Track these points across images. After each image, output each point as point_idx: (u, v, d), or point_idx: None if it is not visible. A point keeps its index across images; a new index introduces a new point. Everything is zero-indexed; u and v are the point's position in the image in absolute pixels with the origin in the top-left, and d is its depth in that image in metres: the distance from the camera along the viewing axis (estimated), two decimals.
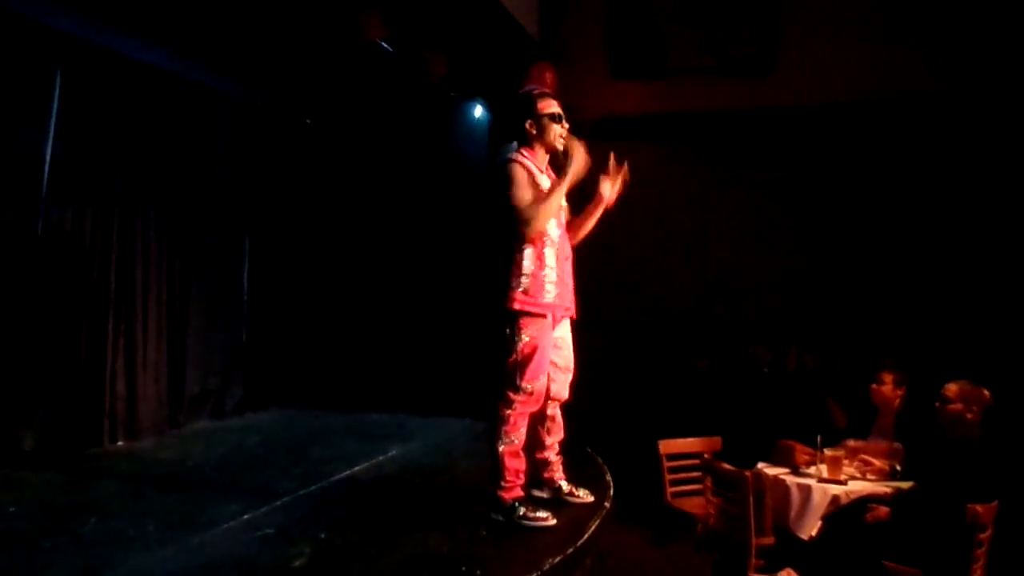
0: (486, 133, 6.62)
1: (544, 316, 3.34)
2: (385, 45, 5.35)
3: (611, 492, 3.79)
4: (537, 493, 3.66)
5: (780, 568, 3.65)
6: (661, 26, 6.56)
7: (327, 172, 6.72)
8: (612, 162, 3.56)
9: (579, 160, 3.34)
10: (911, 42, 5.79)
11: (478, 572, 2.78)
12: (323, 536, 3.17)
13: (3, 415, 4.24)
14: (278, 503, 3.61)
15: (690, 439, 4.73)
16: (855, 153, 5.93)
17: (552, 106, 3.43)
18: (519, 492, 3.37)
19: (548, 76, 6.21)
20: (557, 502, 3.56)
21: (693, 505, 4.51)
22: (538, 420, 3.58)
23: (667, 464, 4.64)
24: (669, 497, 4.60)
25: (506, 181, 3.29)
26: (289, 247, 6.35)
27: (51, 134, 4.46)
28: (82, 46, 4.57)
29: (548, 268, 3.35)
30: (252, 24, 5.03)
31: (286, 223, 6.35)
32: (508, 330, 3.35)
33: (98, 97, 4.70)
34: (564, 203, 3.58)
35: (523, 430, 3.37)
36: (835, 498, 3.71)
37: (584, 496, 3.67)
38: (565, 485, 3.64)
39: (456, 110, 6.70)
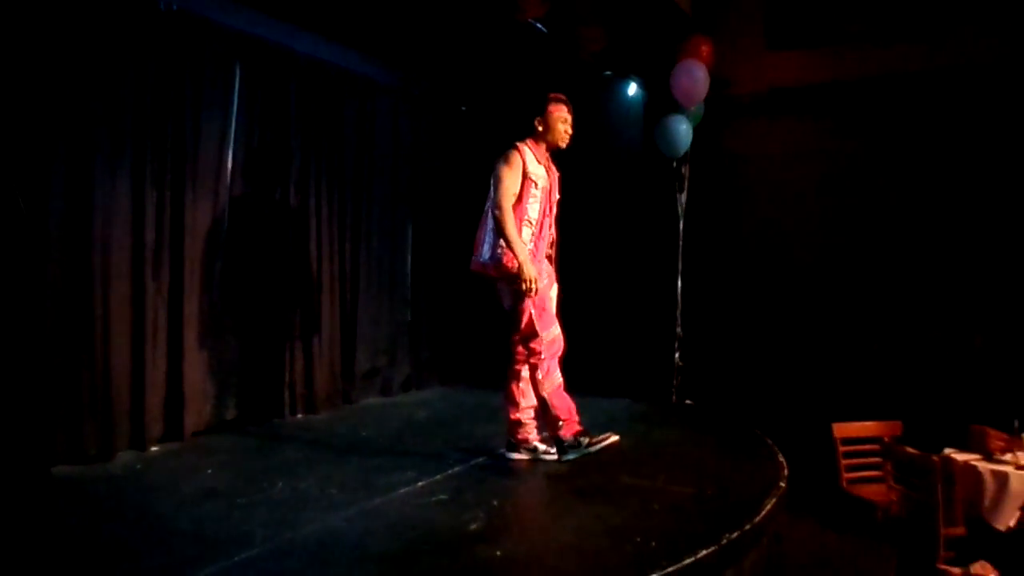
0: (641, 112, 6.51)
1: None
2: (539, 26, 5.37)
3: (785, 472, 3.66)
4: (515, 456, 3.93)
5: (973, 560, 3.40)
6: None
7: (482, 158, 6.82)
8: None
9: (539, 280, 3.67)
10: None
11: (653, 544, 2.75)
12: (496, 503, 3.25)
13: (205, 390, 4.61)
14: (450, 472, 3.74)
15: (867, 423, 4.50)
16: None
17: (562, 111, 3.91)
18: (578, 426, 3.80)
19: (704, 50, 6.04)
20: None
21: (871, 492, 4.30)
22: (514, 379, 3.87)
23: (842, 448, 4.43)
24: (845, 483, 4.40)
25: (502, 162, 3.79)
26: (448, 232, 6.52)
27: (233, 122, 4.78)
28: (257, 43, 4.87)
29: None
30: (409, 12, 5.18)
31: (445, 209, 6.51)
32: (514, 292, 3.70)
33: (272, 89, 4.98)
34: (558, 195, 4.03)
35: (556, 372, 3.79)
36: None
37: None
38: (540, 445, 3.93)
39: (609, 89, 6.62)
